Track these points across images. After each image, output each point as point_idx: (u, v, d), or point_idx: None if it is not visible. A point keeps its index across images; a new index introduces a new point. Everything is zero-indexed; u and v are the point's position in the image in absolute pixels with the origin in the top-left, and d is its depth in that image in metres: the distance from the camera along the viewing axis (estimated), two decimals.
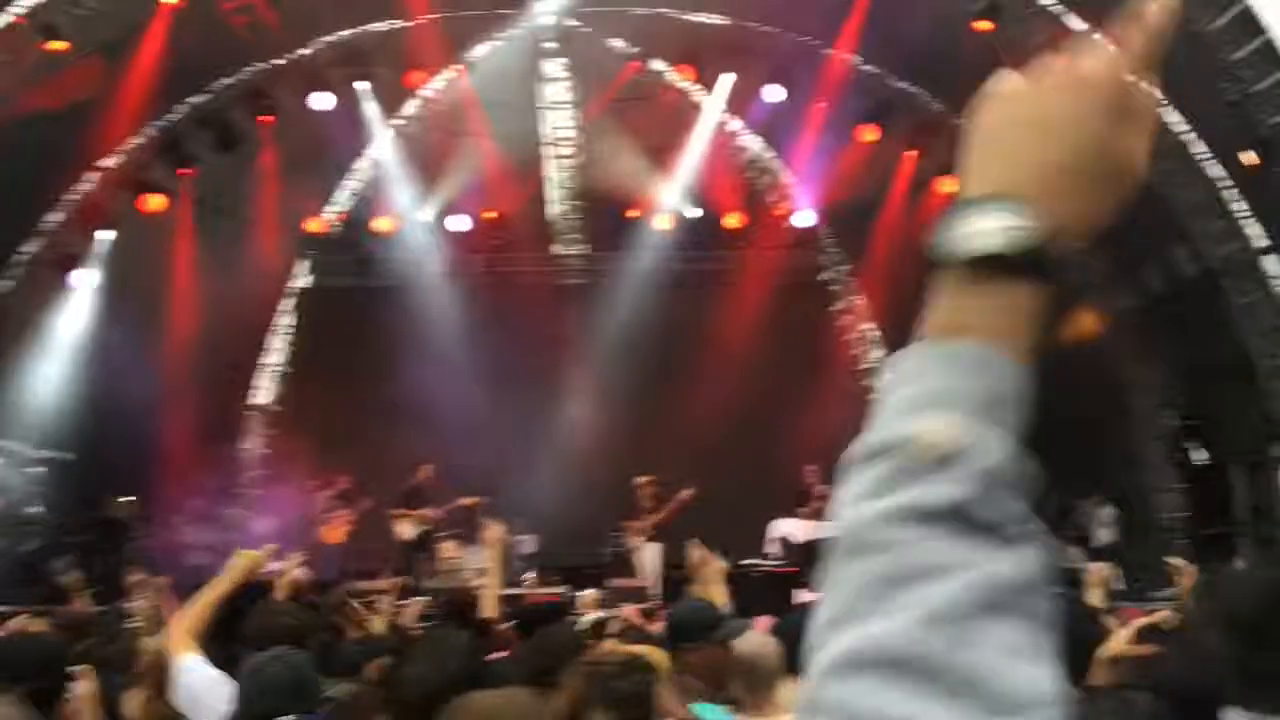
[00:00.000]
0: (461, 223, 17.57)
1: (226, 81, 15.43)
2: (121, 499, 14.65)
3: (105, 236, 15.31)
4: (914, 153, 16.07)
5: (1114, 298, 15.10)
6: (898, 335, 17.46)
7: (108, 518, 14.70)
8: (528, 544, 15.34)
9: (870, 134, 15.76)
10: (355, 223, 17.77)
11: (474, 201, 17.37)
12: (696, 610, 4.48)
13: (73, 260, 15.14)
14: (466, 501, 14.63)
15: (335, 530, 14.55)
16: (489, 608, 6.10)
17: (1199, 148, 13.32)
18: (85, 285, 15.24)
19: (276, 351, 18.24)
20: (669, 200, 17.41)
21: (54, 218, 15.06)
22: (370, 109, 16.08)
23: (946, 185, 15.96)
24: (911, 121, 15.74)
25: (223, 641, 4.60)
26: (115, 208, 15.23)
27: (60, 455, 14.53)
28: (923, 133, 15.66)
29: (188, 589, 12.55)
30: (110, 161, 14.95)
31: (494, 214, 17.52)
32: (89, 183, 15.09)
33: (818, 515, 14.28)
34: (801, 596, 11.80)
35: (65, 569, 13.68)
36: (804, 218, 17.29)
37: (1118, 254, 14.75)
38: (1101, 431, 14.95)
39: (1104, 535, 14.40)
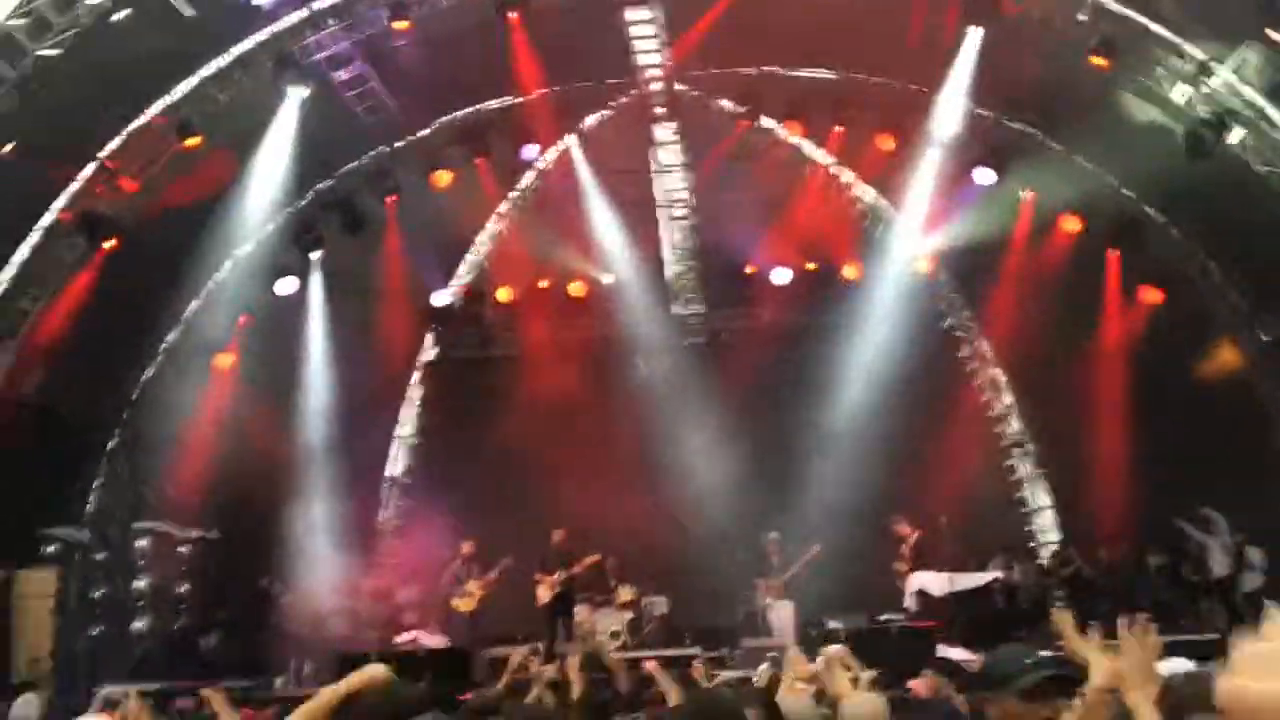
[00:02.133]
0: (579, 289, 17.86)
1: (351, 165, 16.14)
2: (263, 577, 15.15)
3: (244, 320, 16.01)
4: (1032, 193, 15.87)
5: (1259, 329, 14.62)
6: (1025, 379, 17.13)
7: (253, 593, 15.21)
8: (659, 605, 15.38)
9: (987, 176, 15.64)
10: (477, 295, 18.25)
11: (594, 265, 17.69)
12: None
13: (215, 345, 15.87)
14: (591, 560, 14.75)
15: (468, 598, 14.78)
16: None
17: None
18: (226, 367, 15.94)
19: (407, 423, 18.72)
20: (785, 255, 17.46)
21: (195, 304, 15.82)
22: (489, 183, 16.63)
23: (1068, 224, 15.74)
24: (1029, 161, 15.58)
25: None
26: (251, 294, 15.94)
27: (206, 534, 15.14)
28: (1041, 172, 15.49)
29: (330, 658, 12.91)
30: (245, 249, 15.67)
31: (610, 279, 17.78)
32: (227, 270, 15.83)
33: (911, 565, 14.05)
34: (945, 651, 11.58)
35: (215, 646, 14.28)
36: (923, 264, 17.14)
37: (1262, 282, 14.30)
38: (1253, 468, 14.39)
39: (1254, 580, 13.80)
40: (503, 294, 17.97)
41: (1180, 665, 4.20)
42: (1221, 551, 13.91)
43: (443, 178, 16.10)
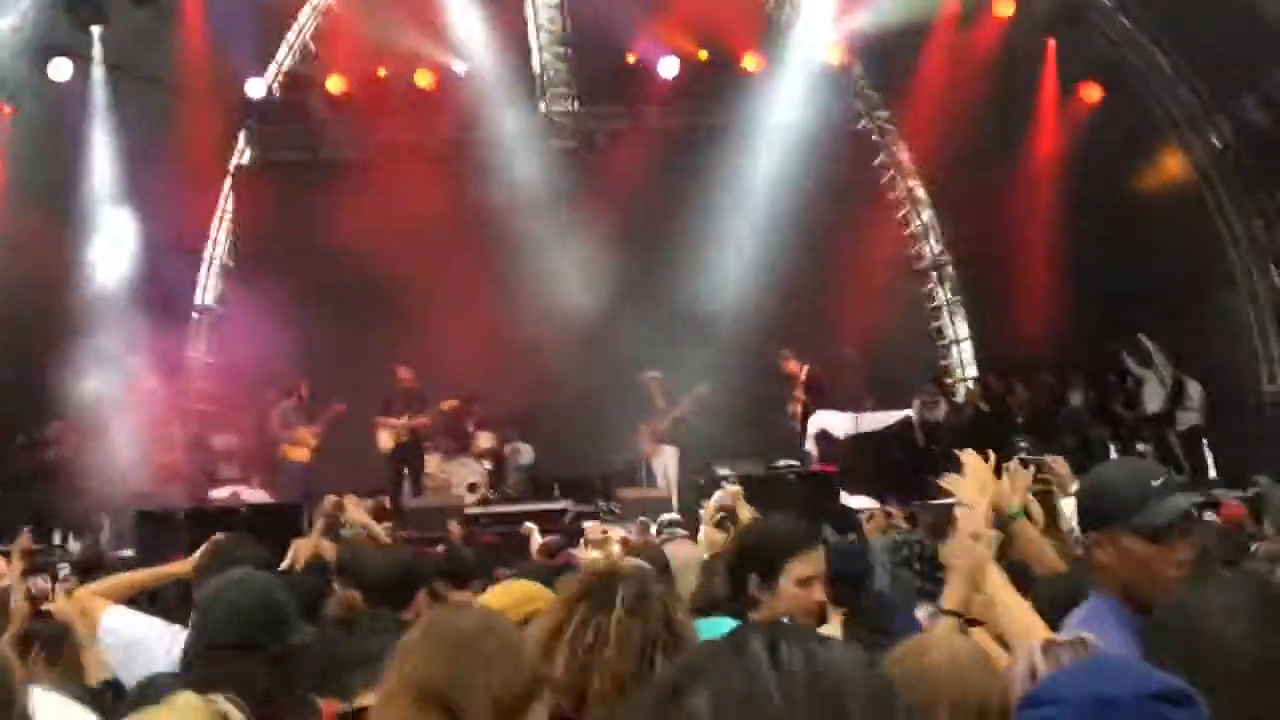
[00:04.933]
0: (427, 79, 17.20)
1: None
2: (46, 425, 14.65)
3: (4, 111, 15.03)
4: None
5: (1210, 132, 14.80)
6: (946, 192, 17.25)
7: (38, 444, 14.73)
8: (524, 454, 15.38)
9: None
10: (302, 84, 17.43)
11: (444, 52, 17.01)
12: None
13: None
14: (448, 404, 14.61)
15: (299, 447, 14.57)
16: None
17: None
18: None
19: (217, 242, 18.05)
20: (673, 42, 17.02)
21: None
22: None
23: (1001, 7, 15.55)
24: None
25: None
26: (16, 77, 14.93)
27: None
28: None
29: (131, 517, 12.62)
30: (5, 23, 14.60)
31: (467, 66, 17.14)
32: None
33: (808, 404, 14.23)
34: (849, 500, 11.83)
35: None
36: (834, 54, 16.88)
37: (1217, 78, 14.41)
38: (1193, 297, 14.80)
39: (1190, 418, 14.35)
40: (333, 84, 17.12)
41: None
42: (1158, 384, 14.40)
43: None
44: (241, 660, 3.15)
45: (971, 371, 17.47)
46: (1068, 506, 5.35)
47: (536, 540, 9.42)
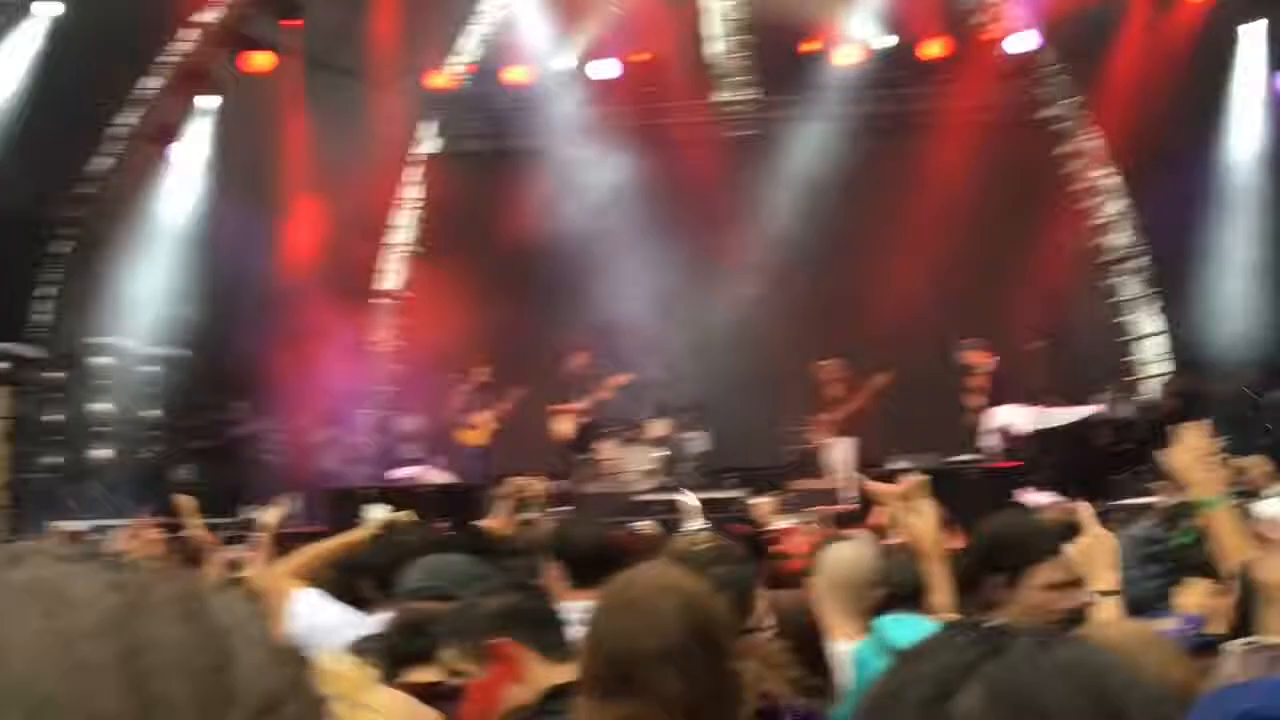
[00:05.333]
0: (607, 69, 17.34)
1: None
2: (240, 402, 15.22)
3: (208, 103, 15.66)
4: None
5: None
6: (1141, 184, 16.66)
7: (230, 421, 15.33)
8: (697, 442, 15.39)
9: None
10: (486, 75, 17.75)
11: (621, 43, 17.12)
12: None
13: (173, 132, 15.56)
14: (620, 380, 14.63)
15: (477, 431, 14.83)
16: None
17: None
18: (189, 160, 15.65)
19: (403, 229, 18.53)
20: (854, 29, 16.82)
21: (151, 84, 15.45)
22: None
23: None
24: None
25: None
26: (218, 70, 15.55)
27: (176, 352, 15.13)
28: None
29: (321, 497, 13.11)
30: (209, 16, 15.21)
31: (645, 56, 17.22)
32: (187, 42, 15.39)
33: (989, 399, 13.87)
34: (1026, 496, 11.52)
35: (189, 479, 14.44)
36: (1021, 41, 16.46)
37: None
38: None
39: None
40: (516, 74, 17.44)
41: None
42: None
43: None
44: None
45: (1162, 367, 16.83)
46: (1270, 506, 5.13)
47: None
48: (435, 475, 14.50)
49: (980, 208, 15.41)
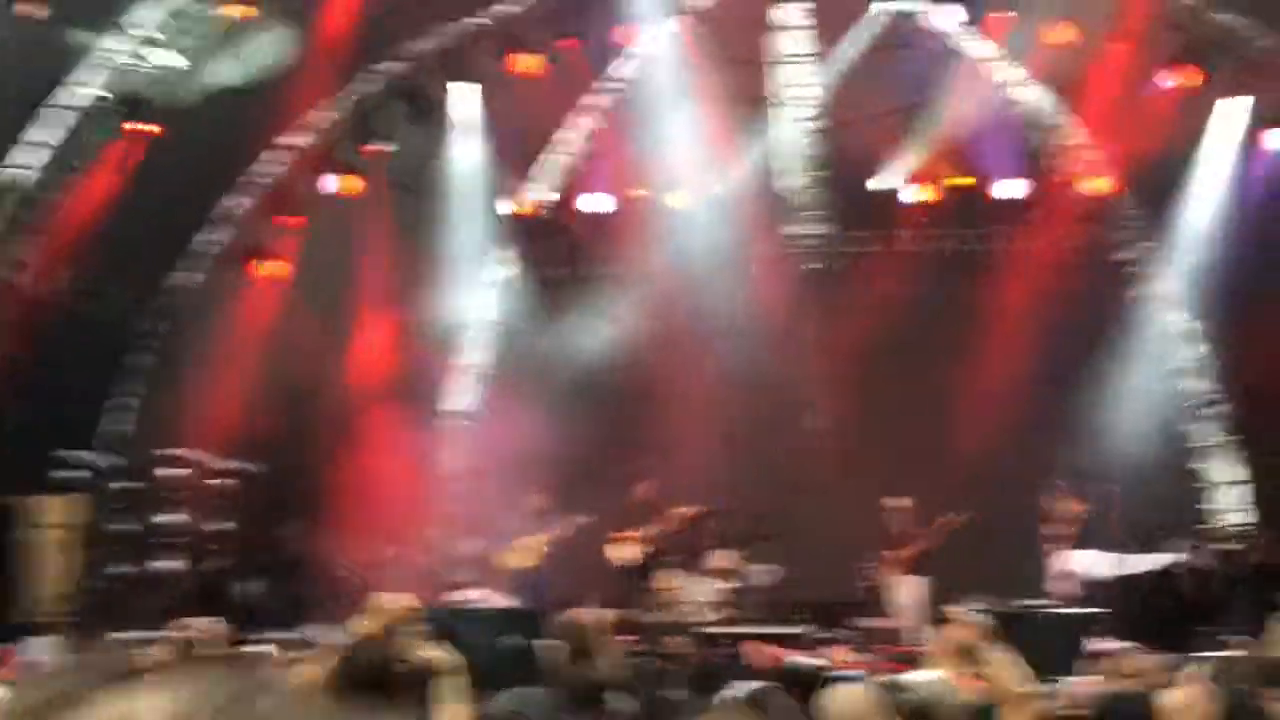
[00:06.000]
0: (682, 199, 17.53)
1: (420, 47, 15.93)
2: (296, 520, 15.25)
3: (293, 223, 16.01)
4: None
5: None
6: (1216, 327, 16.47)
7: (291, 538, 15.35)
8: (764, 575, 15.16)
9: (1183, 78, 14.89)
10: (562, 203, 18.01)
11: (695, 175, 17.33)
12: None
13: (258, 250, 15.90)
14: (688, 512, 14.49)
15: (519, 554, 14.63)
16: None
17: None
18: (271, 277, 15.96)
19: (476, 351, 18.64)
20: (926, 167, 16.93)
21: (239, 202, 15.86)
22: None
23: (1276, 139, 14.96)
24: (1233, 61, 14.81)
25: None
26: (304, 191, 15.94)
27: (248, 466, 15.26)
28: (1248, 75, 14.75)
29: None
30: (299, 140, 15.62)
31: (719, 188, 17.40)
32: (276, 164, 15.81)
33: (1072, 543, 13.58)
34: (1096, 645, 11.18)
35: (255, 594, 14.46)
36: (1098, 184, 16.47)
37: None
38: None
39: None
40: (589, 203, 17.69)
41: None
42: None
43: (523, 62, 15.78)
44: None
45: (1244, 517, 16.37)
46: None
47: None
48: (497, 599, 14.35)
49: (1053, 349, 15.29)
